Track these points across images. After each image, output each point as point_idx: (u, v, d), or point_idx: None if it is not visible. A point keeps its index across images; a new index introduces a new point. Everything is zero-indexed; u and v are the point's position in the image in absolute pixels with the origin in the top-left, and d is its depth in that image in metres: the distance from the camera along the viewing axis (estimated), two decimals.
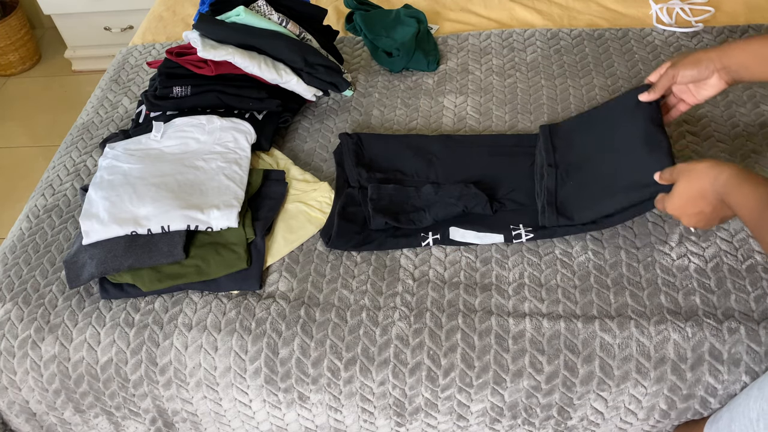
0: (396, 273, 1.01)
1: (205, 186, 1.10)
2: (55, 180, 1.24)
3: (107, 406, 1.01)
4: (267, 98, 1.24)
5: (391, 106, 1.32)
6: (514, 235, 1.02)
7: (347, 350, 0.93)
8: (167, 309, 1.00)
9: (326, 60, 1.28)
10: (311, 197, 1.13)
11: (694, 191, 0.79)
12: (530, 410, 0.91)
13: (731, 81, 0.90)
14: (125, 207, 1.06)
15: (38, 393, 1.01)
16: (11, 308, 1.02)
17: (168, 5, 1.74)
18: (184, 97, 1.25)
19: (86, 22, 2.43)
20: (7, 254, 1.11)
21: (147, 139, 1.21)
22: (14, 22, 2.51)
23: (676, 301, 0.94)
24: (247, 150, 1.17)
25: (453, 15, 1.58)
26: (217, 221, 1.04)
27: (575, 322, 0.92)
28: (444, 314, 0.95)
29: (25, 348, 0.99)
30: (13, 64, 2.61)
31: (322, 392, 0.94)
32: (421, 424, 0.95)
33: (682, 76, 0.92)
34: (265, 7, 1.32)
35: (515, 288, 0.97)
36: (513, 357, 0.91)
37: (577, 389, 0.89)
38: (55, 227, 1.14)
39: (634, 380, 0.89)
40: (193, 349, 0.96)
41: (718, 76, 0.90)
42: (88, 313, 1.00)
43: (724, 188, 0.73)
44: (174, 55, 1.27)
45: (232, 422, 1.01)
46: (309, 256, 1.05)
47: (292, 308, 0.98)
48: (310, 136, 1.27)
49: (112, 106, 1.41)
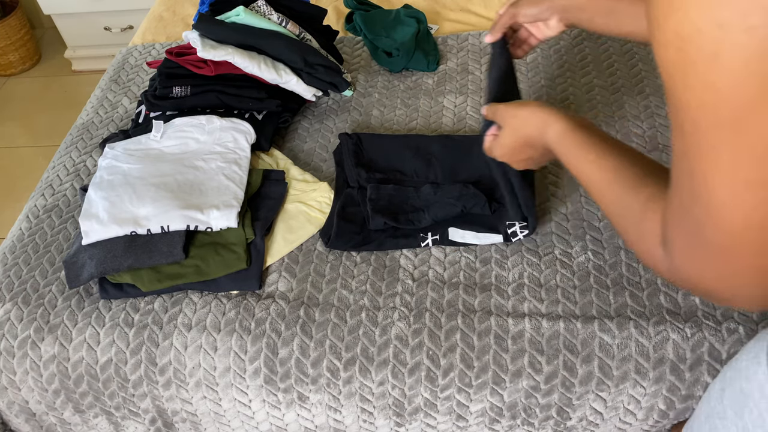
0: (395, 273, 1.01)
1: (205, 186, 1.10)
2: (54, 180, 1.24)
3: (107, 406, 1.01)
4: (267, 98, 1.24)
5: (391, 106, 1.32)
6: (510, 233, 1.02)
7: (347, 350, 0.93)
8: (167, 309, 1.00)
9: (326, 60, 1.28)
10: (311, 197, 1.13)
11: (520, 139, 0.75)
12: (529, 410, 0.91)
13: (570, 24, 0.88)
14: (125, 207, 1.06)
15: (38, 393, 1.01)
16: (11, 308, 1.02)
17: (168, 5, 1.74)
18: (183, 97, 1.25)
19: (86, 22, 2.43)
20: (7, 254, 1.11)
21: (147, 139, 1.21)
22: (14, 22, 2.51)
23: (675, 301, 0.94)
24: (247, 150, 1.17)
25: (453, 15, 1.58)
26: (216, 221, 1.04)
27: (574, 322, 0.92)
28: (443, 314, 0.95)
29: (24, 348, 0.99)
30: (13, 64, 2.61)
31: (321, 392, 0.94)
32: (420, 425, 0.95)
33: (522, 15, 0.89)
34: (264, 7, 1.32)
35: (515, 288, 0.98)
36: (512, 357, 0.91)
37: (576, 389, 0.89)
38: (54, 227, 1.14)
39: (633, 380, 0.89)
40: (193, 350, 0.96)
41: (558, 18, 0.87)
42: (87, 313, 1.00)
43: (557, 146, 0.69)
44: (174, 55, 1.27)
45: (232, 422, 1.01)
46: (308, 257, 1.05)
47: (291, 308, 0.98)
48: (310, 136, 1.27)
49: (111, 106, 1.41)
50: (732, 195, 0.39)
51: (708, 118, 0.38)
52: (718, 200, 0.40)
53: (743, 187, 0.38)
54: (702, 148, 0.39)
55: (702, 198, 0.41)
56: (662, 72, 0.39)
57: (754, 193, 0.38)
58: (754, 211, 0.39)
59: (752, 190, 0.38)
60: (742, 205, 0.39)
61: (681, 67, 0.37)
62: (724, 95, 0.36)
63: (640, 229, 0.52)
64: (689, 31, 0.35)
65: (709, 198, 0.40)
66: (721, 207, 0.40)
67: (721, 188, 0.39)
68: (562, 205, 1.08)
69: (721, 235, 0.41)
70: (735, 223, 0.40)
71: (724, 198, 0.39)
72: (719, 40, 0.34)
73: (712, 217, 0.41)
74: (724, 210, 0.40)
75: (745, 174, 0.38)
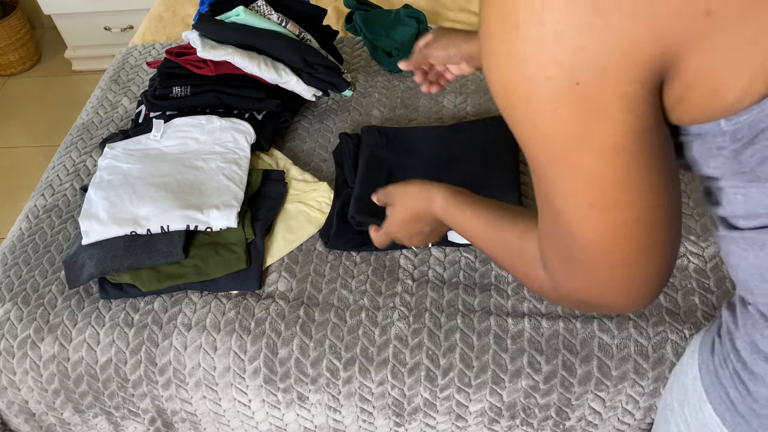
0: (395, 273, 1.01)
1: (205, 186, 1.10)
2: (54, 180, 1.24)
3: (106, 406, 1.01)
4: (266, 98, 1.25)
5: (391, 106, 1.32)
6: None
7: (346, 350, 0.93)
8: (166, 309, 1.00)
9: (326, 60, 1.28)
10: (311, 197, 1.13)
11: (412, 213, 0.82)
12: (528, 410, 0.91)
13: (478, 68, 0.92)
14: (125, 207, 1.06)
15: (37, 393, 1.01)
16: (11, 308, 1.02)
17: (168, 5, 1.74)
18: (183, 97, 1.25)
19: (86, 22, 2.43)
20: (7, 254, 1.11)
21: (146, 139, 1.21)
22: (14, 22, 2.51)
23: (675, 300, 0.94)
24: (247, 150, 1.17)
25: (453, 15, 1.58)
26: (216, 221, 1.04)
27: (574, 322, 0.92)
28: (443, 314, 0.95)
29: (24, 348, 0.99)
30: (13, 64, 2.61)
31: (321, 392, 0.94)
32: (419, 424, 0.95)
33: (433, 57, 0.94)
34: (264, 7, 1.32)
35: (514, 288, 0.98)
36: (511, 357, 0.91)
37: (575, 389, 0.89)
38: (54, 227, 1.14)
39: (632, 380, 0.89)
40: (193, 349, 0.96)
41: (466, 63, 0.91)
42: (87, 313, 1.00)
43: (443, 212, 0.76)
44: (174, 55, 1.27)
45: (231, 422, 1.01)
46: (308, 257, 1.05)
47: (291, 308, 0.98)
48: (310, 136, 1.27)
49: (111, 106, 1.41)
50: (582, 218, 0.43)
51: (542, 154, 0.42)
52: (572, 222, 0.44)
53: (589, 210, 0.43)
54: (549, 177, 0.44)
55: (561, 221, 0.45)
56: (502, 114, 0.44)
57: (600, 215, 0.43)
58: (606, 231, 0.43)
59: (598, 213, 0.43)
60: (594, 226, 0.43)
61: (509, 110, 0.42)
62: (546, 134, 0.41)
63: (522, 259, 0.58)
64: (506, 81, 0.40)
65: (565, 221, 0.45)
66: (576, 227, 0.44)
67: (573, 212, 0.44)
68: None
69: (583, 252, 0.46)
70: (592, 240, 0.44)
71: (576, 219, 0.44)
72: (530, 90, 0.39)
73: (574, 238, 0.45)
74: (580, 230, 0.44)
75: (586, 199, 0.42)
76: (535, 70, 0.38)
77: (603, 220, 0.43)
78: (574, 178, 0.42)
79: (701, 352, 0.61)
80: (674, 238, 0.46)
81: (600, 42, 0.36)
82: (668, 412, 0.67)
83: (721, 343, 0.58)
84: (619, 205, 0.43)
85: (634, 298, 0.48)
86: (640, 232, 0.44)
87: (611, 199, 0.42)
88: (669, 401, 0.67)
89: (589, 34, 0.36)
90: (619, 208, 0.43)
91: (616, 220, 0.43)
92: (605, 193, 0.42)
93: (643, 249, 0.45)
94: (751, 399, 0.54)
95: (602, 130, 0.39)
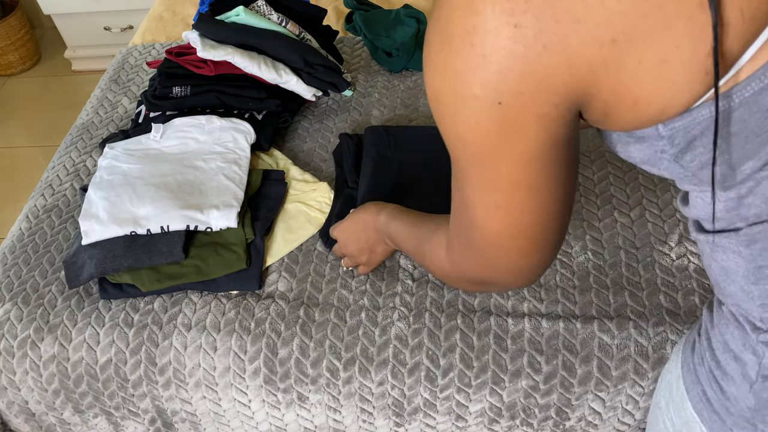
0: (395, 273, 1.01)
1: (205, 186, 1.10)
2: (54, 180, 1.24)
3: (106, 406, 1.01)
4: (266, 98, 1.24)
5: (390, 106, 1.32)
6: None
7: (346, 350, 0.93)
8: (166, 309, 1.00)
9: (326, 60, 1.28)
10: (311, 197, 1.13)
11: (358, 221, 0.93)
12: (528, 410, 0.91)
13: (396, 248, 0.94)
14: (125, 207, 1.06)
15: (37, 393, 1.01)
16: (11, 308, 1.02)
17: (168, 5, 1.74)
18: (183, 97, 1.25)
19: (86, 22, 2.43)
20: (7, 254, 1.11)
21: (146, 139, 1.21)
22: (14, 22, 2.51)
23: (675, 301, 0.94)
24: (247, 150, 1.17)
25: None
26: (216, 221, 1.04)
27: (574, 322, 0.92)
28: (443, 314, 0.95)
29: (24, 348, 0.99)
30: (13, 64, 2.61)
31: (321, 392, 0.94)
32: (419, 425, 0.95)
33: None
34: (264, 7, 1.32)
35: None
36: (511, 357, 0.91)
37: (575, 389, 0.89)
38: (54, 227, 1.14)
39: (632, 381, 0.89)
40: (193, 350, 0.96)
41: (385, 244, 0.93)
42: (87, 313, 1.00)
43: (385, 225, 0.86)
44: (174, 55, 1.27)
45: (231, 422, 1.01)
46: (308, 257, 1.05)
47: (291, 308, 0.98)
48: (310, 136, 1.27)
49: (111, 106, 1.41)
50: (486, 214, 0.50)
51: (462, 156, 0.48)
52: (478, 215, 0.51)
53: (493, 209, 0.49)
54: (465, 174, 0.49)
55: (468, 210, 0.51)
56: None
57: (503, 215, 0.49)
58: (506, 229, 0.50)
59: (502, 213, 0.49)
60: (496, 222, 0.50)
61: (438, 117, 0.47)
62: (468, 141, 0.45)
63: (430, 246, 0.67)
64: (437, 91, 0.45)
65: (472, 212, 0.51)
66: (480, 220, 0.51)
67: (480, 208, 0.50)
68: None
69: (483, 242, 0.52)
70: (490, 231, 0.51)
71: (481, 215, 0.50)
72: (457, 104, 0.43)
73: (476, 226, 0.52)
74: (482, 223, 0.51)
75: (493, 199, 0.48)
76: (463, 87, 0.42)
77: (505, 220, 0.49)
78: (487, 180, 0.47)
79: (684, 350, 0.64)
80: (564, 230, 0.53)
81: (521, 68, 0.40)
82: (657, 410, 0.69)
83: (700, 342, 0.61)
84: (523, 209, 0.48)
85: (521, 280, 0.56)
86: (536, 231, 0.50)
87: (516, 203, 0.48)
88: (657, 399, 0.69)
89: (511, 60, 0.39)
90: (521, 212, 0.49)
91: (517, 221, 0.49)
92: (512, 197, 0.48)
93: (535, 244, 0.51)
94: (723, 397, 0.56)
95: (518, 144, 0.44)
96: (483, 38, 0.39)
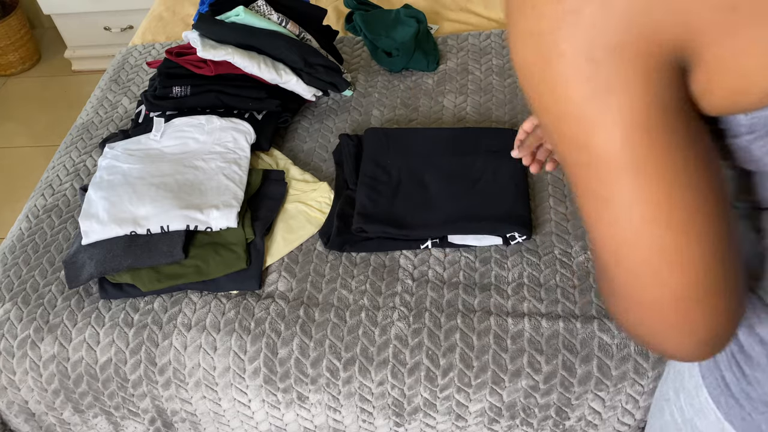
0: (395, 273, 1.01)
1: (205, 186, 1.10)
2: (54, 180, 1.24)
3: (106, 406, 1.01)
4: (266, 98, 1.24)
5: (390, 106, 1.32)
6: (509, 237, 1.02)
7: (346, 350, 0.93)
8: (166, 309, 1.00)
9: (326, 60, 1.28)
10: (311, 197, 1.13)
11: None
12: (528, 410, 0.91)
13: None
14: (125, 207, 1.06)
15: (37, 393, 1.01)
16: (11, 308, 1.02)
17: (168, 5, 1.74)
18: (183, 97, 1.25)
19: (86, 22, 2.43)
20: (7, 254, 1.11)
21: (146, 139, 1.21)
22: (14, 22, 2.51)
23: None
24: (247, 150, 1.17)
25: (453, 15, 1.58)
26: (216, 221, 1.04)
27: (574, 322, 0.92)
28: (443, 314, 0.95)
29: (24, 348, 0.99)
30: (13, 64, 2.61)
31: (321, 392, 0.94)
32: (419, 424, 0.95)
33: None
34: (264, 7, 1.32)
35: (514, 288, 0.98)
36: (511, 357, 0.91)
37: (575, 389, 0.89)
38: (54, 227, 1.14)
39: (632, 380, 0.89)
40: (192, 349, 0.96)
41: None
42: (87, 313, 1.00)
43: None
44: (174, 55, 1.27)
45: (231, 422, 1.01)
46: (308, 256, 1.05)
47: (291, 308, 0.98)
48: (310, 136, 1.27)
49: (111, 106, 1.41)
50: (635, 235, 0.39)
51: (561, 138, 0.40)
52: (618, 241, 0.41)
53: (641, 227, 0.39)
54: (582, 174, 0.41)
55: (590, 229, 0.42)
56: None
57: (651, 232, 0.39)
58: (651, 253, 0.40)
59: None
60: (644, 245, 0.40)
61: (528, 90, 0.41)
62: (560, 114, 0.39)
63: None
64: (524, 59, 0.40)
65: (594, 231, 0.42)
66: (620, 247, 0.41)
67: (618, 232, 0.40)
68: (561, 205, 1.08)
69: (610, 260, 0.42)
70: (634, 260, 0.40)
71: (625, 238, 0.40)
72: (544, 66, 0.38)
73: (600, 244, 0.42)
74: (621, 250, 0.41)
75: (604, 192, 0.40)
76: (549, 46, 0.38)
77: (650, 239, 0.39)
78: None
79: None
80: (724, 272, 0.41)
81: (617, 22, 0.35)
82: (663, 402, 0.68)
83: None
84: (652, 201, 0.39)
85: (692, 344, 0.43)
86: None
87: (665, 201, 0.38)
88: (665, 390, 0.68)
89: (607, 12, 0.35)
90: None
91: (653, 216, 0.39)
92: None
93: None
94: (745, 382, 0.55)
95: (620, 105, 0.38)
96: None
